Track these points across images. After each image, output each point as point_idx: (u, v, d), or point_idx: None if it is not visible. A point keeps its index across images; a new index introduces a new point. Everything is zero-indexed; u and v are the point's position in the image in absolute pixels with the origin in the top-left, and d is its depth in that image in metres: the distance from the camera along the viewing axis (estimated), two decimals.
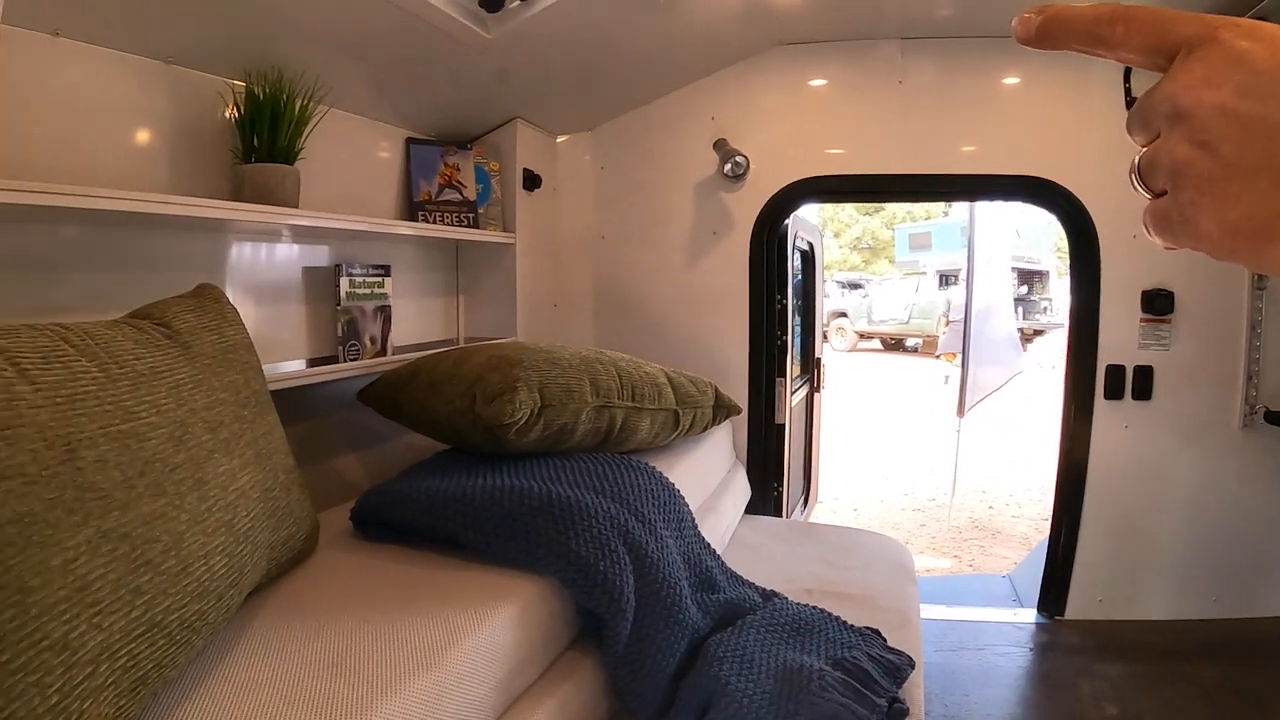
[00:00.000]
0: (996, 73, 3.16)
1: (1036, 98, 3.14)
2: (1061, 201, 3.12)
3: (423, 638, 1.33)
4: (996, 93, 3.19)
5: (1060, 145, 3.11)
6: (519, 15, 2.43)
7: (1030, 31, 0.47)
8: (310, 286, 2.49)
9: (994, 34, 3.06)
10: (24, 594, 0.87)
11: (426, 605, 1.46)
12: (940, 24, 3.07)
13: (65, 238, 1.82)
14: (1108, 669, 3.03)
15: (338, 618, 1.40)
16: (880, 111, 3.24)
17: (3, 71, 1.38)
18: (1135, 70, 0.49)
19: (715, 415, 2.72)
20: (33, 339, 1.09)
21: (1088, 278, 3.15)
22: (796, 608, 2.02)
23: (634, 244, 3.56)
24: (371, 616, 1.41)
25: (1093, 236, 3.10)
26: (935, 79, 3.19)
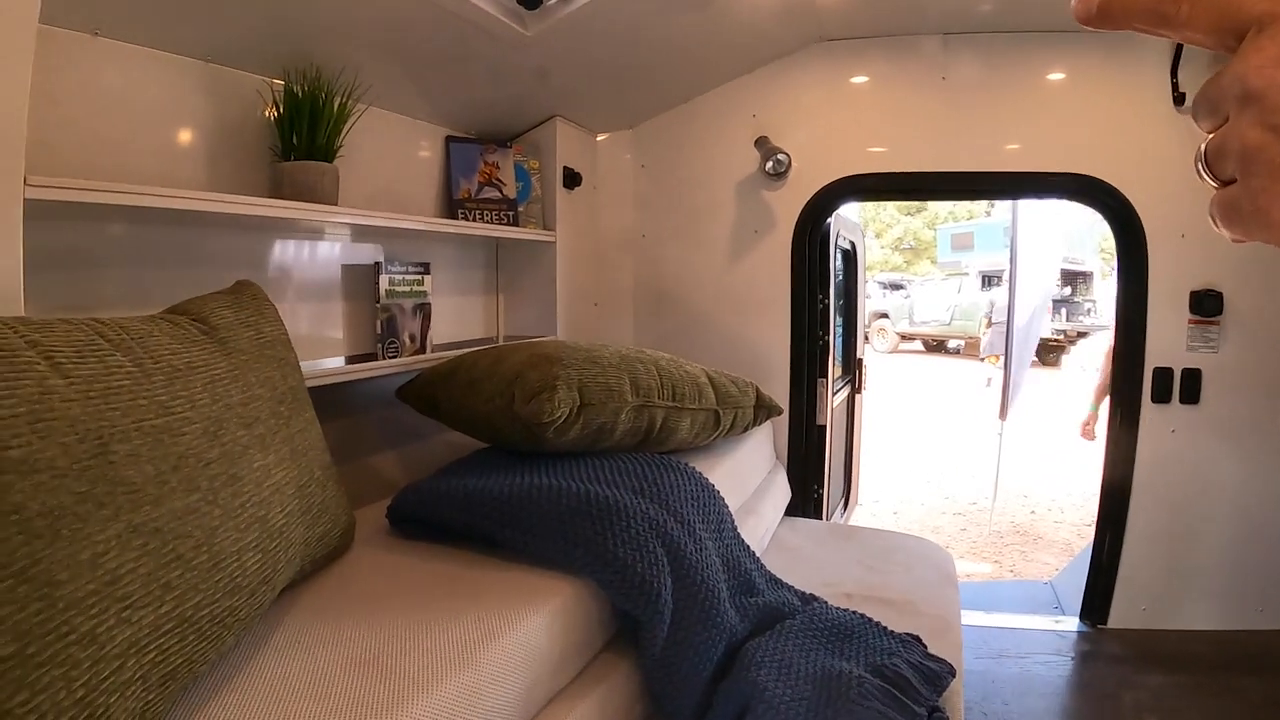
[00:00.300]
0: (1041, 68, 3.09)
1: (1082, 93, 3.07)
2: (1108, 199, 3.06)
3: (457, 637, 1.32)
4: (1041, 88, 3.12)
5: (1106, 142, 3.04)
6: (558, 12, 2.42)
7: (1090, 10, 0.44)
8: (350, 284, 2.49)
9: (1038, 28, 3.00)
10: (52, 587, 0.86)
11: (462, 604, 1.45)
12: (983, 18, 3.02)
13: (108, 235, 1.84)
14: (1150, 680, 2.96)
15: (372, 615, 1.39)
16: (923, 108, 3.19)
17: (43, 71, 1.39)
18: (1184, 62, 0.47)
19: (756, 416, 2.69)
20: (67, 333, 1.08)
21: (1134, 278, 3.08)
22: (836, 612, 1.99)
23: (675, 243, 3.53)
24: (406, 614, 1.39)
25: (1140, 235, 3.03)
26: (979, 75, 3.13)
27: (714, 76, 3.34)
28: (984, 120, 3.14)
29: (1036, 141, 3.11)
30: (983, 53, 3.11)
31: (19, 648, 0.81)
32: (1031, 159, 3.13)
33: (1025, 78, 3.11)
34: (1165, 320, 3.08)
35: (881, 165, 3.27)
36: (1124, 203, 3.03)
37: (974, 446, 8.43)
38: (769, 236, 3.37)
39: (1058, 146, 3.08)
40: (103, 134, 1.80)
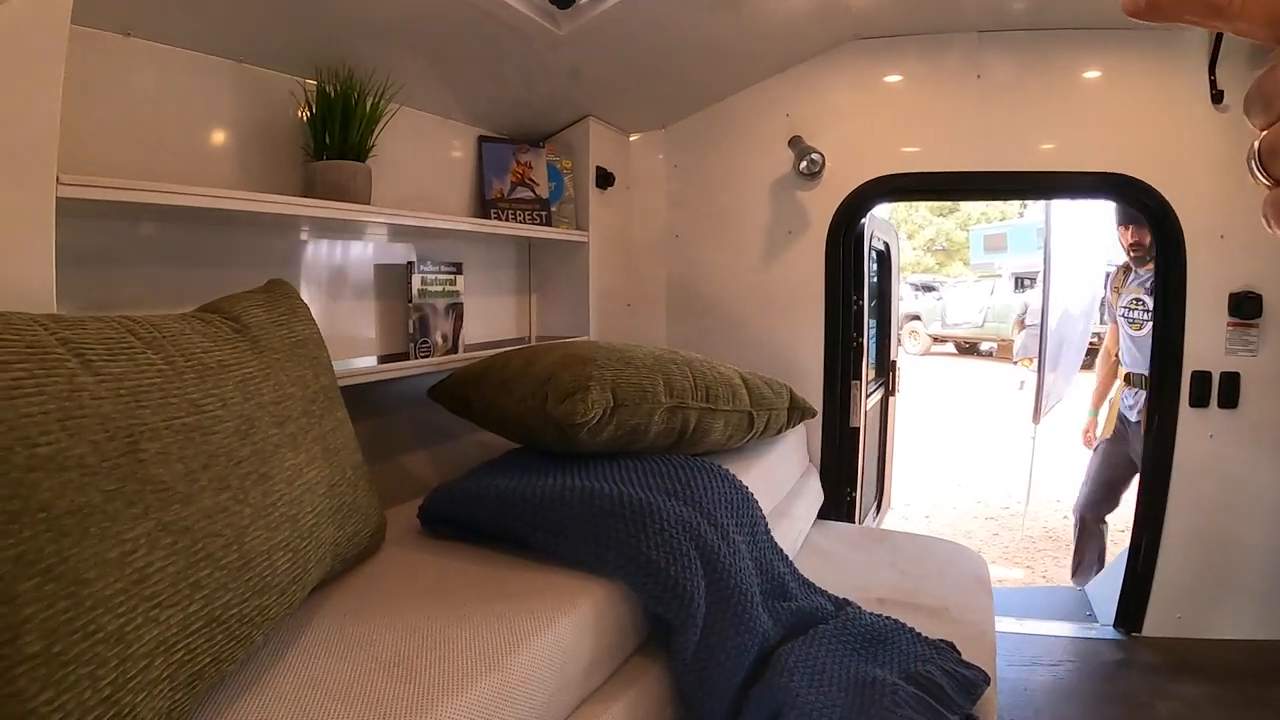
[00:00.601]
0: (1077, 66, 3.04)
1: (1118, 92, 3.01)
2: (1145, 199, 3.00)
3: (487, 639, 1.30)
4: (1076, 87, 3.07)
5: (1143, 140, 2.98)
6: (590, 11, 2.41)
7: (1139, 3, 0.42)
8: (382, 283, 2.49)
9: (1073, 25, 2.95)
10: (79, 585, 0.86)
11: (492, 606, 1.44)
12: (1018, 16, 2.97)
13: (141, 234, 1.85)
14: (1185, 690, 2.90)
15: (401, 616, 1.38)
16: (957, 107, 3.15)
17: (76, 71, 1.39)
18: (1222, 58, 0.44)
19: (790, 418, 2.67)
20: (99, 331, 1.08)
21: (1172, 280, 3.03)
22: (870, 618, 1.97)
23: (708, 243, 3.51)
24: (436, 616, 1.38)
25: (1178, 236, 2.98)
26: (1013, 73, 3.08)
27: (747, 75, 3.32)
28: (1018, 119, 3.09)
29: (1072, 140, 3.06)
30: (1017, 50, 3.07)
31: (45, 646, 0.81)
32: (1067, 158, 3.08)
33: (1060, 76, 3.06)
34: (1203, 323, 3.02)
35: (915, 165, 3.23)
36: (1161, 203, 2.97)
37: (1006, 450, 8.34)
38: (803, 237, 3.35)
39: (1093, 145, 3.03)
40: (136, 133, 1.81)
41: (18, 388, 0.90)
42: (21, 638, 0.79)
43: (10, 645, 0.78)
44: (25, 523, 0.84)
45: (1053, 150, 3.09)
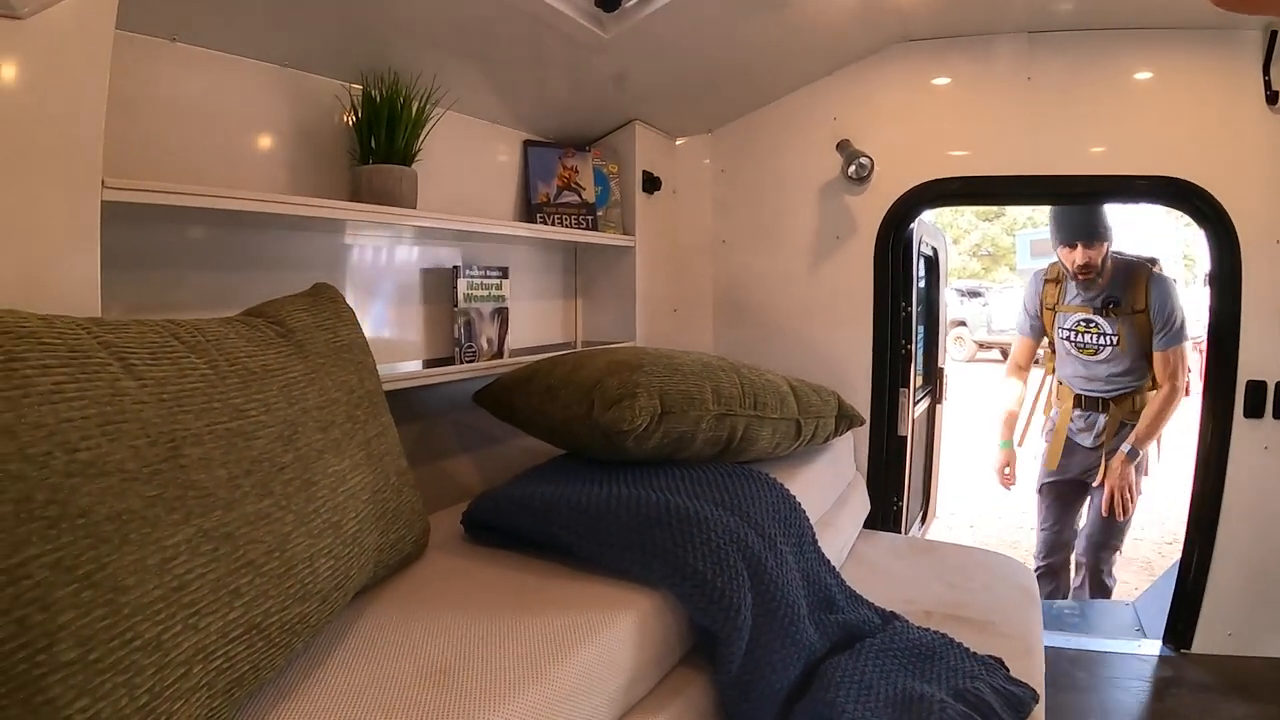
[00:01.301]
0: (1128, 67, 2.96)
1: (1171, 93, 2.93)
2: (1199, 204, 2.91)
3: (531, 648, 1.29)
4: (1128, 88, 2.98)
5: (1197, 144, 2.89)
6: (636, 14, 2.39)
7: None
8: (428, 287, 2.49)
9: (1124, 25, 2.88)
10: (117, 592, 0.85)
11: (536, 615, 1.42)
12: (1067, 16, 2.90)
13: (187, 237, 1.86)
14: (1235, 709, 2.80)
15: (443, 624, 1.37)
16: (1007, 109, 3.08)
17: (122, 77, 1.40)
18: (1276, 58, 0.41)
19: (838, 426, 2.63)
20: (142, 334, 1.08)
21: (1227, 287, 2.94)
22: (917, 632, 1.93)
23: (755, 248, 3.48)
24: (478, 624, 1.37)
25: (1233, 242, 2.89)
26: (1063, 75, 3.00)
27: (793, 78, 3.28)
28: (1069, 122, 3.02)
29: (1123, 143, 2.98)
30: (1068, 51, 3.00)
31: (82, 653, 0.80)
32: (1118, 162, 3.00)
33: (1112, 77, 2.98)
34: (1260, 331, 2.93)
35: (964, 169, 3.17)
36: (1216, 207, 2.89)
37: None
38: (851, 242, 3.30)
39: (1146, 149, 2.95)
40: (181, 138, 1.82)
41: (59, 392, 0.89)
42: (57, 644, 0.78)
43: (46, 652, 0.78)
44: (63, 528, 0.83)
45: (1104, 153, 3.02)
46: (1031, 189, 3.17)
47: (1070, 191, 3.16)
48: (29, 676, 0.76)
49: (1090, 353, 3.77)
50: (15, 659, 0.76)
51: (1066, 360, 3.91)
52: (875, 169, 3.16)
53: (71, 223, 1.33)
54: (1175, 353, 3.61)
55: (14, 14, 1.24)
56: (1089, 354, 3.78)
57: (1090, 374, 3.82)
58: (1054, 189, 3.14)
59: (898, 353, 3.35)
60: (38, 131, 1.27)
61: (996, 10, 2.89)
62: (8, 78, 1.25)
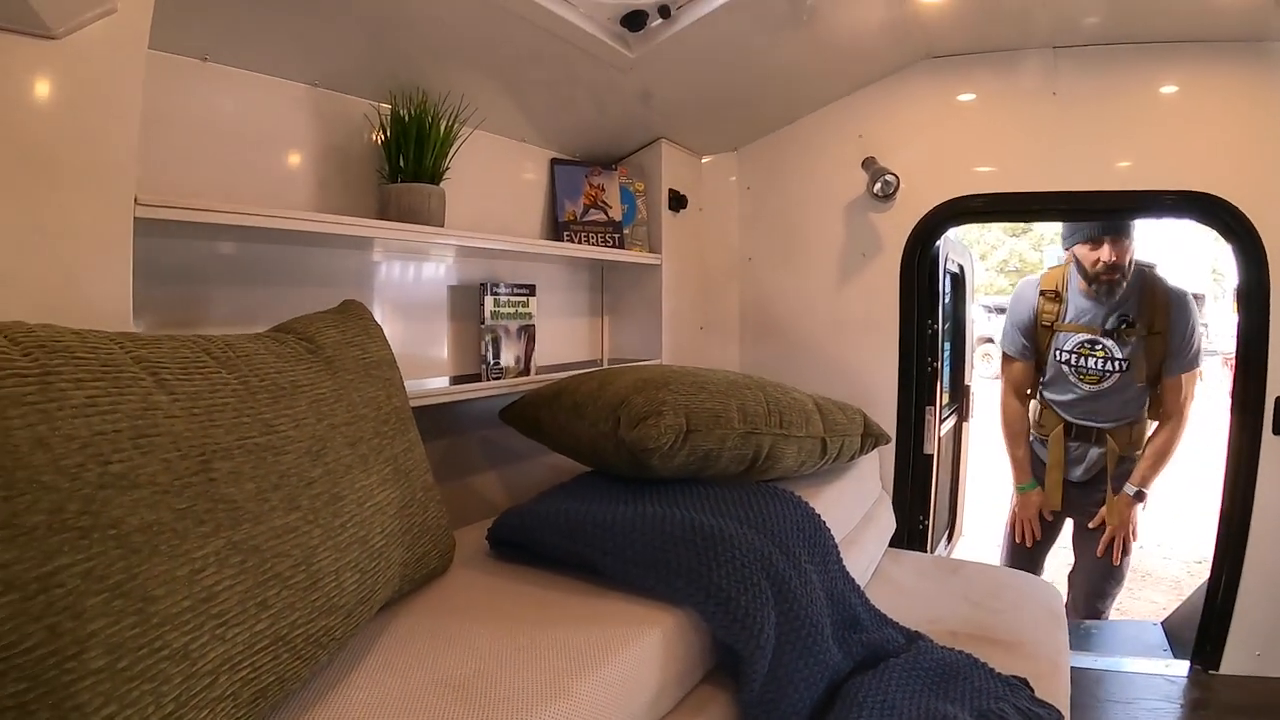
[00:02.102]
0: (1153, 81, 2.94)
1: (1197, 107, 2.90)
2: (1226, 219, 2.88)
3: (555, 665, 1.29)
4: (1155, 102, 2.96)
5: (1225, 158, 2.86)
6: (661, 34, 2.41)
7: None
8: (455, 305, 2.51)
9: (1152, 39, 2.86)
10: (147, 602, 0.86)
11: (560, 631, 1.42)
12: (1093, 30, 2.89)
13: (217, 253, 1.89)
14: None
15: (467, 639, 1.37)
16: (1033, 125, 3.07)
17: (154, 95, 1.42)
18: None
19: (863, 444, 2.62)
20: (174, 349, 1.09)
21: (1256, 302, 2.90)
22: (942, 652, 1.92)
23: (781, 265, 3.48)
24: (502, 640, 1.37)
25: (1261, 257, 2.85)
26: (1089, 89, 2.98)
27: (819, 96, 3.29)
28: (1096, 137, 3.00)
29: (1150, 158, 2.95)
30: (1092, 66, 2.98)
31: (110, 661, 0.81)
32: (1144, 176, 2.97)
33: (1137, 91, 2.96)
34: None
35: (990, 185, 3.15)
36: (1244, 222, 2.85)
37: None
38: (877, 260, 3.30)
39: (1172, 163, 2.91)
40: (213, 155, 1.86)
41: (92, 405, 0.91)
42: (87, 652, 0.80)
43: (75, 659, 0.79)
44: (95, 539, 0.84)
45: (1130, 168, 2.99)
46: (1058, 205, 3.15)
47: (1097, 207, 3.13)
48: (58, 682, 0.77)
49: (1094, 380, 3.43)
50: (46, 665, 0.77)
51: (1059, 384, 3.57)
52: (901, 186, 3.15)
53: (104, 238, 1.35)
54: (1189, 378, 3.36)
55: (49, 34, 1.27)
56: (1092, 381, 3.44)
57: (1089, 404, 3.50)
58: (1081, 205, 3.12)
59: (924, 370, 3.34)
60: (72, 149, 1.30)
61: (1021, 25, 2.89)
62: (43, 97, 1.28)
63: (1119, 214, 3.24)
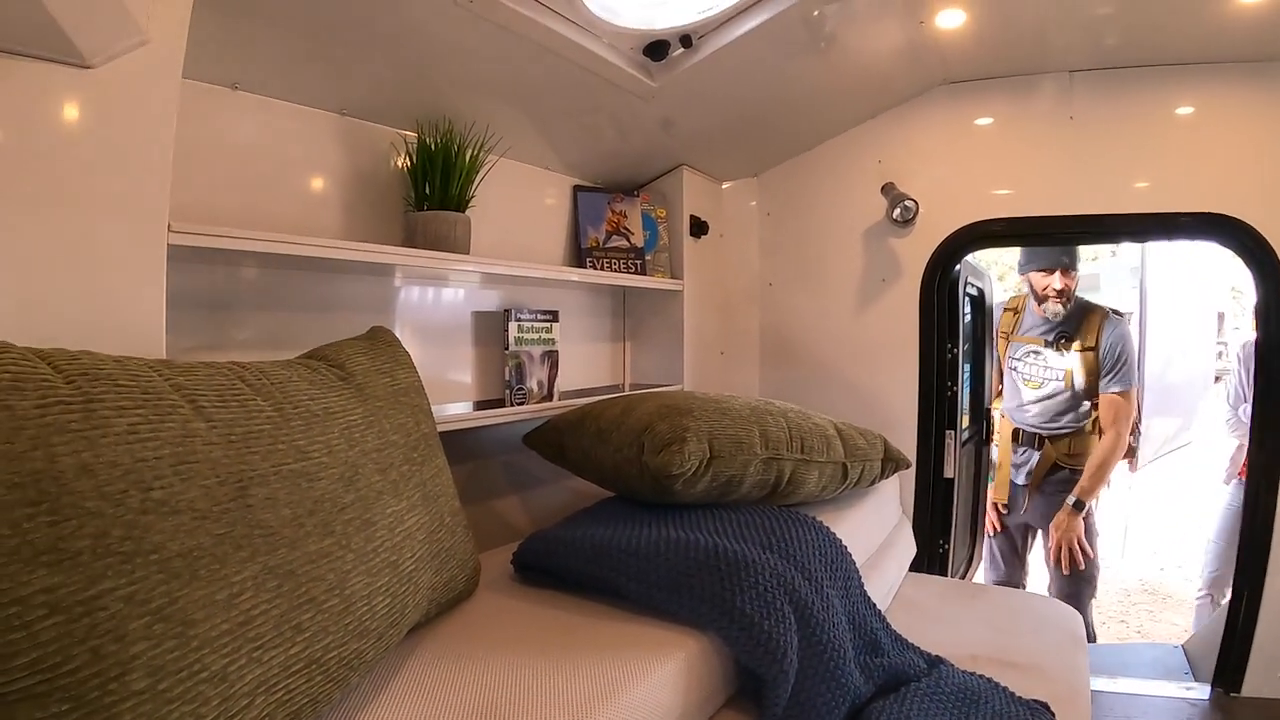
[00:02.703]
0: (1169, 103, 2.94)
1: (1214, 128, 2.90)
2: (1244, 239, 2.87)
3: (579, 689, 1.30)
4: (1171, 124, 2.95)
5: (1241, 178, 2.85)
6: (683, 63, 2.44)
7: None
8: (479, 330, 2.54)
9: (1166, 61, 2.87)
10: (187, 626, 0.88)
11: (584, 655, 1.43)
12: (1108, 53, 2.89)
13: (244, 278, 1.92)
14: None
15: (493, 662, 1.38)
16: (1050, 149, 3.08)
17: (186, 123, 1.45)
18: None
19: (884, 469, 2.62)
20: (210, 377, 1.12)
21: (1274, 321, 2.90)
22: (962, 676, 1.91)
23: (801, 291, 3.50)
24: (528, 663, 1.38)
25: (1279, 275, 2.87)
26: (1104, 112, 2.99)
27: (838, 122, 3.31)
28: (1113, 160, 2.99)
29: (1167, 180, 2.94)
30: (1109, 89, 2.99)
31: (151, 683, 0.83)
32: (1162, 198, 2.96)
33: (1153, 113, 2.95)
34: None
35: (1008, 209, 3.16)
36: (1261, 242, 2.84)
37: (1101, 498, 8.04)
38: (896, 285, 3.31)
39: (1190, 184, 2.90)
40: (242, 182, 1.90)
41: (134, 432, 0.93)
42: (129, 674, 0.82)
43: (117, 681, 0.81)
44: (137, 564, 0.86)
45: (1148, 190, 2.98)
46: (1076, 229, 3.15)
47: (1115, 230, 3.14)
48: (100, 704, 0.79)
49: (1035, 385, 3.92)
50: (89, 686, 0.79)
51: (1012, 392, 4.06)
52: (920, 211, 3.17)
53: (139, 265, 1.38)
54: (1123, 397, 3.75)
55: (85, 64, 1.30)
56: (1034, 386, 3.93)
57: (1032, 408, 3.96)
58: (1099, 228, 3.12)
59: (944, 395, 3.34)
60: (107, 177, 1.33)
61: (1038, 50, 2.90)
62: (79, 124, 1.31)
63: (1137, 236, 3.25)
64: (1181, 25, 2.62)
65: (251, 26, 1.72)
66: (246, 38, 1.75)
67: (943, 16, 2.59)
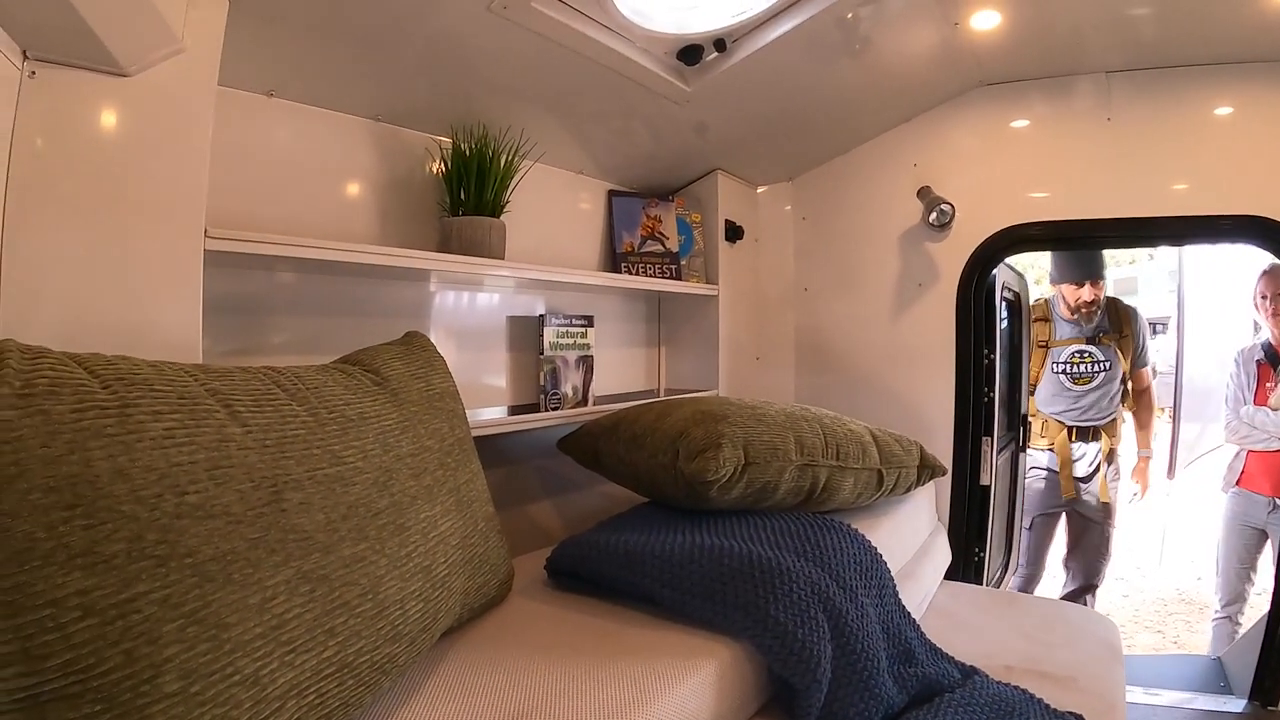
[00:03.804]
0: (1208, 103, 2.88)
1: (1253, 128, 2.82)
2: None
3: (611, 695, 1.29)
4: (1210, 125, 2.89)
5: None
6: (717, 67, 2.43)
7: None
8: (514, 335, 2.55)
9: (1204, 61, 2.82)
10: (220, 629, 0.89)
11: (617, 662, 1.42)
12: (1144, 53, 2.83)
13: (279, 283, 1.95)
14: None
15: (525, 668, 1.38)
16: (1087, 151, 3.02)
17: (222, 130, 1.47)
18: None
19: (920, 476, 2.59)
20: (245, 382, 1.12)
21: None
22: (997, 687, 1.88)
23: (836, 295, 3.47)
24: (559, 669, 1.38)
25: None
26: (1145, 114, 2.94)
27: (873, 125, 3.29)
28: (1149, 161, 2.93)
29: (1206, 181, 2.86)
30: (1146, 90, 2.92)
31: (183, 686, 0.84)
32: (1201, 201, 2.89)
33: (1192, 114, 2.89)
34: None
35: (1045, 212, 3.10)
36: None
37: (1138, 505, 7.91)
38: (933, 289, 3.28)
39: (1229, 186, 2.83)
40: (278, 188, 1.92)
41: (170, 437, 0.94)
42: (161, 676, 0.82)
43: (150, 683, 0.81)
44: (172, 567, 0.87)
45: (1187, 192, 2.93)
46: (1115, 232, 3.10)
47: (1154, 234, 3.09)
48: (133, 705, 0.80)
49: (1085, 381, 4.25)
50: (122, 688, 0.80)
51: (1056, 397, 4.35)
52: (956, 215, 3.14)
53: (175, 270, 1.40)
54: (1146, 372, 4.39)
55: (122, 72, 1.33)
56: (1084, 383, 4.26)
57: (1082, 404, 4.28)
58: (1137, 231, 3.07)
59: (980, 401, 3.30)
60: (144, 183, 1.35)
61: (1074, 50, 2.86)
62: (117, 132, 1.33)
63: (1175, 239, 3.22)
64: (1220, 24, 2.58)
65: (286, 34, 1.74)
66: (281, 45, 1.77)
67: (978, 18, 2.56)
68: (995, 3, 2.49)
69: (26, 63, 1.25)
